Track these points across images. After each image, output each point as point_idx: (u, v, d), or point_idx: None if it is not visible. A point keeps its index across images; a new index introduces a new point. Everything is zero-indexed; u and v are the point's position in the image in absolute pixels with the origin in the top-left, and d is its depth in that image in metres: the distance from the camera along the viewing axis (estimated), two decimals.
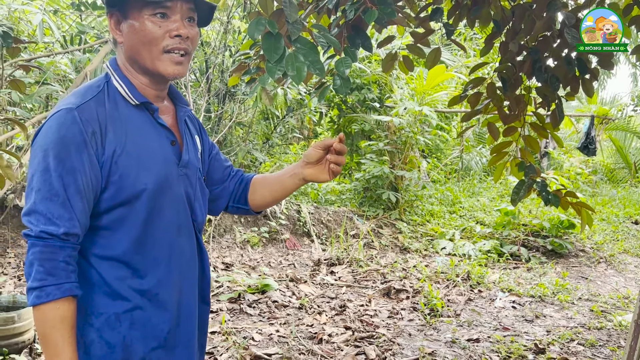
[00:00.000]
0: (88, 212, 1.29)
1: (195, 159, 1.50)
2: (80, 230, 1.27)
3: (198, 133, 1.60)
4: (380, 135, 8.04)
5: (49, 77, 5.36)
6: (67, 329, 1.24)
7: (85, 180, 1.26)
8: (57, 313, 1.23)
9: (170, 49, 1.33)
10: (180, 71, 1.36)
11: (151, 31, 1.31)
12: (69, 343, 1.25)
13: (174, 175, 1.41)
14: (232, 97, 7.23)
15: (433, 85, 8.07)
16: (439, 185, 10.09)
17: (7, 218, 4.93)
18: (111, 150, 1.30)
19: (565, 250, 6.78)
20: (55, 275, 1.23)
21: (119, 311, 1.33)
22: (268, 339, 3.77)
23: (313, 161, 1.52)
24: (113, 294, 1.33)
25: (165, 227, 1.39)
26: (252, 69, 2.79)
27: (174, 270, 1.41)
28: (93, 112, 1.29)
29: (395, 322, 4.28)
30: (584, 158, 11.07)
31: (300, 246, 6.45)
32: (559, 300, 5.03)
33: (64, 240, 1.24)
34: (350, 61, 2.21)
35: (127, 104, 1.37)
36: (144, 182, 1.33)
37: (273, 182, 1.63)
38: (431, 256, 6.53)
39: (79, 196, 1.26)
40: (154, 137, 1.39)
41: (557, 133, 3.07)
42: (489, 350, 3.82)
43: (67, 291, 1.23)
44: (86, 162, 1.26)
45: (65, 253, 1.25)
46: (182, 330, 1.44)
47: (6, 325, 3.12)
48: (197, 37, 1.40)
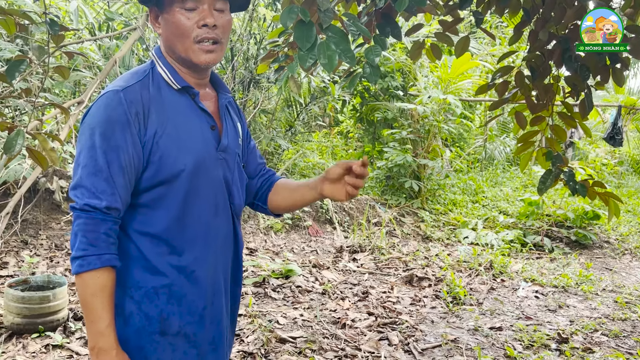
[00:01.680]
0: (129, 189, 1.36)
1: (234, 145, 1.55)
2: (121, 205, 1.34)
3: (240, 121, 1.65)
4: (403, 124, 8.02)
5: (78, 64, 5.46)
6: (106, 297, 1.32)
7: (128, 158, 1.33)
8: (98, 282, 1.31)
9: (200, 39, 1.38)
10: (212, 59, 1.41)
11: (182, 24, 1.37)
12: (108, 310, 1.33)
13: (213, 158, 1.46)
14: (257, 85, 7.28)
15: (458, 73, 8.01)
16: (462, 175, 10.05)
17: (39, 201, 5.06)
18: (153, 131, 1.37)
19: (590, 241, 6.73)
20: (96, 246, 1.30)
21: (157, 285, 1.40)
22: (292, 323, 3.84)
23: (333, 178, 1.52)
24: (152, 269, 1.40)
25: (203, 206, 1.44)
26: (281, 57, 2.82)
27: (209, 249, 1.47)
28: (137, 95, 1.37)
29: (418, 309, 4.32)
30: (610, 149, 10.91)
31: (322, 233, 6.50)
32: (582, 291, 5.01)
33: (105, 214, 1.32)
34: (380, 49, 2.24)
35: (170, 88, 1.44)
36: (183, 162, 1.38)
37: (293, 189, 1.66)
38: (453, 245, 6.53)
39: (121, 173, 1.33)
40: (194, 121, 1.44)
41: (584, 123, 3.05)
42: (511, 338, 3.84)
43: (106, 261, 1.31)
44: (129, 141, 1.34)
45: (107, 226, 1.32)
46: (215, 308, 1.50)
47: (42, 304, 3.23)
48: (228, 25, 1.44)
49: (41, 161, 2.13)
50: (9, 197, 4.36)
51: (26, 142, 2.03)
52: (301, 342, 3.52)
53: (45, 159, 2.07)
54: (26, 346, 3.12)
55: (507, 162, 12.12)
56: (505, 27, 10.69)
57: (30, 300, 3.20)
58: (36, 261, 4.41)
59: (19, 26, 2.12)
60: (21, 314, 3.19)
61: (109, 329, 1.33)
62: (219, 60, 1.45)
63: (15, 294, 3.20)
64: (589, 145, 11.65)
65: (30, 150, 2.14)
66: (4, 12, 2.02)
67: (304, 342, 3.52)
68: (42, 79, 2.86)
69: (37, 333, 3.23)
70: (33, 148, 2.18)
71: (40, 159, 2.13)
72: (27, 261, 4.32)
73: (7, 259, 4.39)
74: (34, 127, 3.00)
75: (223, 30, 1.42)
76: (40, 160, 2.13)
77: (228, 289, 1.57)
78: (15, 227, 4.61)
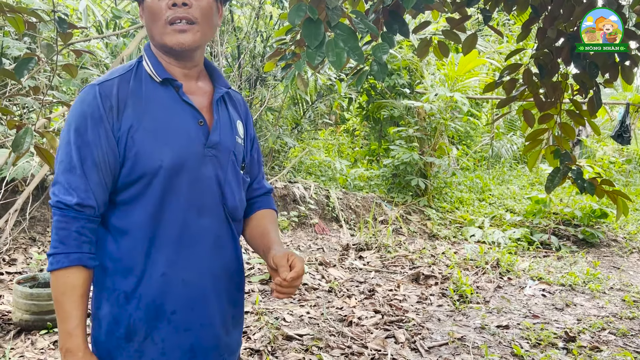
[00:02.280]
0: (105, 186, 1.31)
1: (228, 142, 1.44)
2: (96, 202, 1.30)
3: (242, 119, 1.56)
4: (409, 122, 8.01)
5: (86, 61, 5.48)
6: (76, 296, 1.29)
7: (102, 154, 1.29)
8: (67, 280, 1.28)
9: (172, 20, 1.30)
10: (185, 40, 1.32)
11: (154, 7, 1.31)
12: (78, 310, 1.29)
13: (199, 154, 1.37)
14: (263, 83, 7.28)
15: (465, 71, 7.99)
16: (469, 173, 10.02)
17: (47, 198, 5.09)
18: (128, 125, 1.31)
19: (597, 239, 6.70)
20: (66, 244, 1.27)
21: (128, 290, 1.35)
22: (299, 320, 3.85)
23: (272, 267, 1.39)
24: (125, 270, 1.35)
25: (182, 206, 1.36)
26: (288, 54, 2.82)
27: (186, 252, 1.38)
28: (114, 89, 1.32)
29: (424, 307, 4.32)
30: (618, 147, 10.85)
31: (329, 231, 6.50)
32: (589, 290, 4.99)
33: (77, 211, 1.28)
34: (388, 47, 2.24)
35: (154, 82, 1.37)
36: (159, 158, 1.31)
37: (260, 235, 1.54)
38: (460, 243, 6.52)
39: (95, 169, 1.29)
40: (177, 115, 1.36)
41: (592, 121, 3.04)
42: (518, 337, 3.82)
43: (75, 260, 1.27)
44: (102, 137, 1.29)
45: (79, 224, 1.28)
46: (197, 314, 1.40)
47: (50, 301, 3.25)
48: (205, 5, 1.34)
49: (49, 159, 2.14)
50: (17, 194, 4.39)
51: (34, 140, 2.04)
52: (308, 340, 3.52)
53: (53, 156, 2.08)
54: (35, 342, 3.14)
55: (514, 160, 12.08)
56: (513, 24, 10.65)
57: (38, 297, 3.22)
58: (44, 258, 4.43)
59: (28, 24, 2.13)
60: (30, 311, 3.21)
61: (77, 329, 1.29)
62: (197, 43, 1.35)
63: (24, 290, 3.22)
64: (597, 144, 11.60)
65: (39, 148, 2.15)
66: (12, 10, 2.03)
67: (310, 340, 3.52)
68: (50, 76, 2.87)
69: (45, 329, 3.24)
70: (41, 146, 2.20)
71: (48, 157, 2.14)
72: (35, 258, 4.34)
73: (15, 256, 4.42)
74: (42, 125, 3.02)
75: (200, 11, 1.33)
76: (48, 158, 2.14)
77: (222, 294, 1.46)
78: (23, 224, 4.64)
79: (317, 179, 7.83)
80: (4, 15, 1.96)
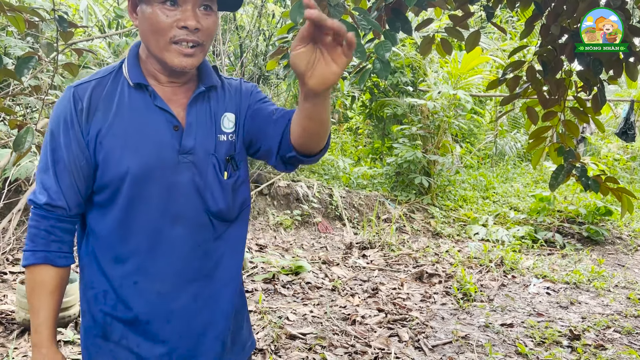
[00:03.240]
0: (77, 188, 1.31)
1: (207, 144, 1.35)
2: (66, 203, 1.30)
3: (234, 107, 1.43)
4: (413, 120, 7.99)
5: (88, 61, 5.48)
6: (44, 294, 1.30)
7: (72, 157, 1.29)
8: (35, 277, 1.30)
9: (177, 40, 1.24)
10: (188, 63, 1.26)
11: (159, 20, 1.22)
12: (45, 307, 1.30)
13: (171, 161, 1.31)
14: (266, 81, 7.27)
15: (468, 68, 7.96)
16: (472, 171, 10.00)
17: None
18: (96, 129, 1.29)
19: (602, 237, 6.67)
20: (34, 242, 1.30)
21: (107, 289, 1.35)
22: (302, 319, 3.84)
23: (304, 63, 1.08)
24: (102, 271, 1.35)
25: (151, 214, 1.32)
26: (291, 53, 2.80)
27: (160, 262, 1.34)
28: (87, 91, 1.31)
29: (428, 306, 4.30)
30: (623, 144, 10.80)
31: (332, 229, 6.49)
32: (594, 288, 4.96)
33: (47, 210, 1.29)
34: (390, 45, 2.22)
35: (129, 86, 1.33)
36: (126, 164, 1.28)
37: (297, 112, 1.28)
38: (464, 241, 6.50)
39: (66, 171, 1.29)
40: (149, 121, 1.31)
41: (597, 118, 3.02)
42: (522, 335, 3.81)
43: (41, 258, 1.29)
44: (73, 139, 1.28)
45: (48, 223, 1.30)
46: (175, 327, 1.37)
47: None
48: (212, 27, 1.28)
49: None
50: (21, 194, 4.39)
51: (36, 139, 2.03)
52: (311, 339, 3.52)
53: None
54: None
55: (518, 158, 12.04)
56: (516, 21, 10.61)
57: None
58: None
59: (29, 23, 2.13)
60: None
61: (42, 326, 1.31)
62: (195, 66, 1.29)
63: None
64: (601, 141, 11.55)
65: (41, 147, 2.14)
66: (13, 10, 2.03)
67: (314, 339, 3.51)
68: (52, 76, 2.87)
69: None
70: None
71: None
72: None
73: (18, 256, 4.42)
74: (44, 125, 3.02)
75: (207, 32, 1.27)
76: None
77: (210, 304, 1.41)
78: (26, 224, 4.64)
79: (320, 177, 7.82)
80: (5, 14, 1.96)
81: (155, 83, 1.34)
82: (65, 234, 1.33)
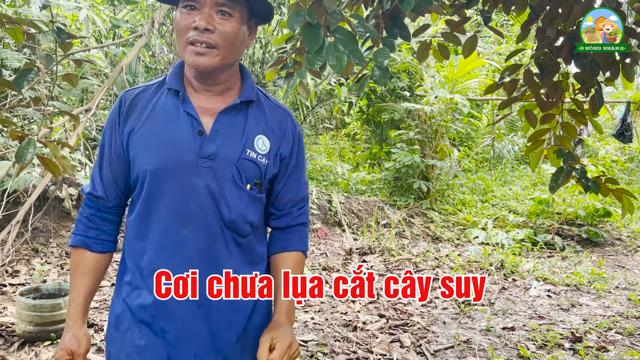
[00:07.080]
0: (114, 182, 1.44)
1: (230, 154, 1.37)
2: (105, 195, 1.44)
3: (274, 136, 1.45)
4: (410, 124, 8.00)
5: (85, 71, 5.49)
6: (79, 273, 1.44)
7: (112, 153, 1.43)
8: (73, 258, 1.45)
9: (192, 41, 1.31)
10: (200, 62, 1.31)
11: (179, 22, 1.33)
12: (76, 286, 1.44)
13: (189, 164, 1.35)
14: (263, 89, 7.28)
15: (464, 72, 7.99)
16: (471, 174, 10.01)
17: (49, 209, 5.08)
18: (130, 128, 1.40)
19: (601, 238, 6.67)
20: (77, 227, 1.46)
21: (129, 280, 1.43)
22: (303, 326, 3.83)
23: None
24: (125, 264, 1.46)
25: (163, 213, 1.36)
26: (289, 63, 2.81)
27: (167, 261, 1.37)
28: (133, 95, 1.43)
29: (429, 311, 4.30)
30: (620, 145, 10.83)
31: (331, 235, 6.49)
32: (595, 289, 4.96)
33: (90, 200, 1.46)
34: (389, 51, 2.23)
35: (167, 91, 1.42)
36: (148, 162, 1.36)
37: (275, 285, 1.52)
38: (463, 245, 6.50)
39: (108, 166, 1.44)
40: (175, 124, 1.37)
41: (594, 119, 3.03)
42: (524, 338, 3.80)
43: (77, 242, 1.44)
44: (113, 138, 1.42)
45: (90, 211, 1.45)
46: (176, 327, 1.38)
47: (53, 312, 3.24)
48: (230, 32, 1.32)
49: (53, 169, 2.14)
50: (19, 205, 4.38)
51: (37, 150, 2.03)
52: (313, 346, 3.51)
53: (57, 166, 2.08)
54: (38, 354, 3.12)
55: (516, 161, 12.06)
56: (512, 25, 10.65)
57: (41, 308, 3.20)
58: (47, 269, 4.42)
59: (27, 35, 2.13)
60: (33, 322, 3.20)
61: (74, 302, 1.43)
62: (215, 66, 1.33)
63: (27, 302, 3.21)
64: (599, 142, 11.58)
65: (42, 158, 2.14)
66: (11, 21, 2.03)
67: (315, 346, 3.50)
68: (51, 87, 2.87)
69: (49, 341, 3.23)
70: (44, 156, 2.19)
71: (52, 166, 2.14)
72: (38, 269, 4.33)
73: (18, 267, 4.41)
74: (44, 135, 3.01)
75: (222, 36, 1.31)
76: (52, 168, 2.14)
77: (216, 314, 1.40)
78: (25, 236, 4.63)
79: (318, 183, 7.82)
80: (3, 26, 1.96)
81: (191, 90, 1.42)
82: (104, 222, 1.46)
